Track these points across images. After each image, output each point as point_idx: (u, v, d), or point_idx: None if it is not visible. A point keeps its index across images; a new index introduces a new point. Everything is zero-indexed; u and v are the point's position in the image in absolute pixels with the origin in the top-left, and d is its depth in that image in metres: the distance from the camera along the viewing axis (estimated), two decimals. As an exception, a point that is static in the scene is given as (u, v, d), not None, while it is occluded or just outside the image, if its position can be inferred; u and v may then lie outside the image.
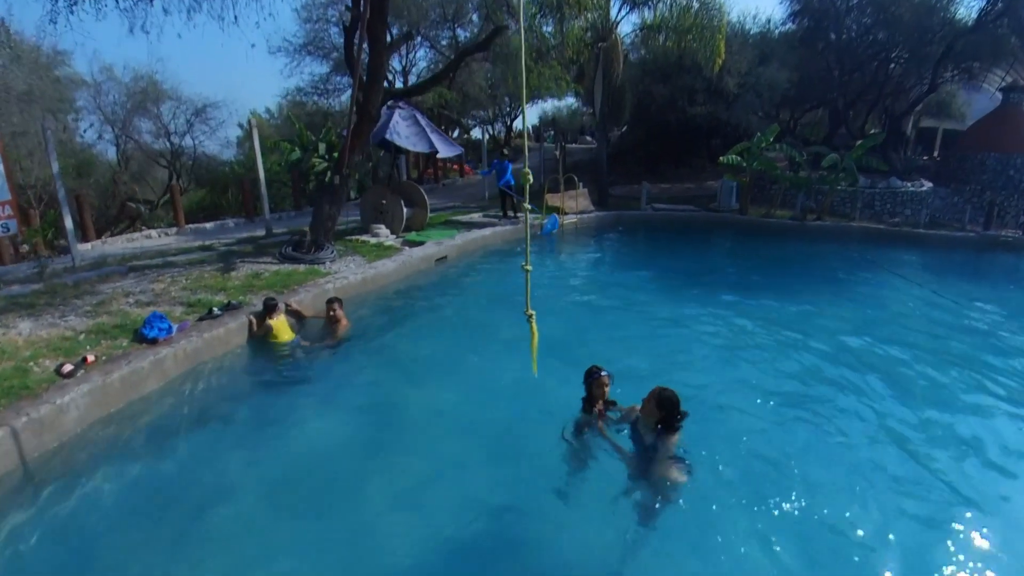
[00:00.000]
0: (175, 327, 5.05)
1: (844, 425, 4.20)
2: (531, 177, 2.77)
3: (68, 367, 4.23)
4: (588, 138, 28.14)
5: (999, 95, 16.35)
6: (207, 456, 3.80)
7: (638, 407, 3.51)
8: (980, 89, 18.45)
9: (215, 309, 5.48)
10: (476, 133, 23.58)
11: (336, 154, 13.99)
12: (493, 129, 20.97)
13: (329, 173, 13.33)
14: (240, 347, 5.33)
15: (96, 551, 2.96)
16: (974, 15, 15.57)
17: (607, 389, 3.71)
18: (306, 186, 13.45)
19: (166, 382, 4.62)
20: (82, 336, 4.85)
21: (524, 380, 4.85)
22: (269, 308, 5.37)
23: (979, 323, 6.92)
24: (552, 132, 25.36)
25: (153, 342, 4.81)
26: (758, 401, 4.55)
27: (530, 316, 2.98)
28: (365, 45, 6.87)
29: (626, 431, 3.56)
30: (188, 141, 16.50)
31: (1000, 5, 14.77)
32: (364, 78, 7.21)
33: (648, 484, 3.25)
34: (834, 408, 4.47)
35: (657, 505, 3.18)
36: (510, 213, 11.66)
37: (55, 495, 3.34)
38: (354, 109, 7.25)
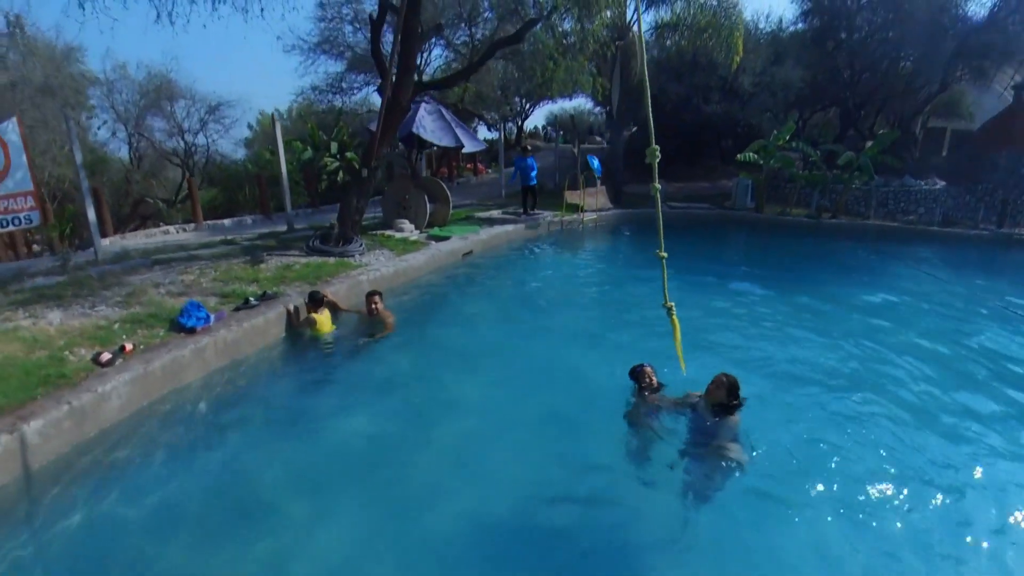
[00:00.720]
0: (212, 316, 4.91)
1: (888, 410, 4.10)
2: (658, 152, 2.64)
3: (106, 356, 4.08)
4: (598, 138, 28.15)
5: (1009, 94, 16.36)
6: (255, 448, 3.65)
7: (695, 394, 3.62)
8: (989, 89, 18.47)
9: (251, 299, 5.34)
10: (486, 134, 23.56)
11: (348, 153, 13.95)
12: (504, 129, 20.97)
13: (342, 172, 13.37)
14: (279, 338, 5.19)
15: (134, 543, 2.80)
16: (985, 12, 15.63)
17: (655, 377, 3.80)
18: (319, 185, 13.34)
19: (207, 372, 4.47)
20: (116, 325, 4.69)
21: (573, 367, 4.79)
22: (316, 301, 5.23)
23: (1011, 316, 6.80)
24: (561, 133, 25.36)
25: (192, 331, 4.66)
26: (797, 387, 4.45)
27: (670, 308, 2.83)
28: (398, 37, 6.78)
29: (686, 413, 3.58)
30: (201, 139, 16.41)
31: (1013, 1, 14.81)
32: (395, 70, 7.10)
33: (708, 464, 3.28)
34: (878, 394, 4.35)
35: (717, 483, 3.22)
36: (532, 212, 11.53)
37: (95, 485, 3.19)
38: (384, 102, 7.14)
